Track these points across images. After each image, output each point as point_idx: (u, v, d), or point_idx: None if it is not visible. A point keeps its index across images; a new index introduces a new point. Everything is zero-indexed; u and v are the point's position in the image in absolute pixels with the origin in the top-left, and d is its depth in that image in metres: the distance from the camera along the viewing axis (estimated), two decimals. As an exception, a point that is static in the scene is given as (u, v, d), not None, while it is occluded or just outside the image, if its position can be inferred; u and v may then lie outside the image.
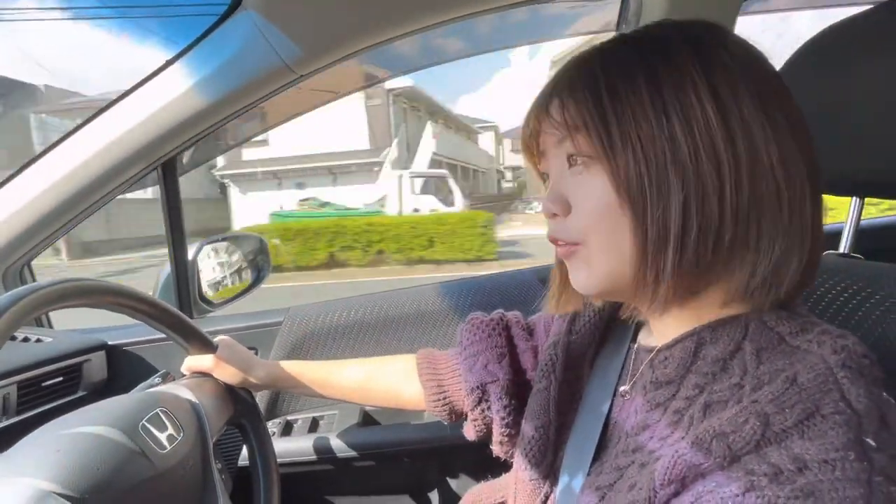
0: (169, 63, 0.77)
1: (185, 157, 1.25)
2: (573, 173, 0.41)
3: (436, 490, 1.02)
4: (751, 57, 0.38)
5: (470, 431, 0.62)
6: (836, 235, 0.64)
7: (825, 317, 0.47)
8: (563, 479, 0.47)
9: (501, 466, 0.62)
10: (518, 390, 0.59)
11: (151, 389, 0.63)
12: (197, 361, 0.71)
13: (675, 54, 0.37)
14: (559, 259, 0.46)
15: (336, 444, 0.95)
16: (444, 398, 0.64)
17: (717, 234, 0.35)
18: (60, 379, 0.84)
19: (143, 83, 0.78)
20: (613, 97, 0.37)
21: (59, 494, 0.41)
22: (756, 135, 0.35)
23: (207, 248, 1.11)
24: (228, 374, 0.70)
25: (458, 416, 0.65)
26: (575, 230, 0.41)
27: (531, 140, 0.45)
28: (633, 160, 0.36)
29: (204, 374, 0.71)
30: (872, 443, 0.28)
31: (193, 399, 0.62)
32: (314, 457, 0.95)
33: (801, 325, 0.36)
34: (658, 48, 0.38)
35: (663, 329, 0.43)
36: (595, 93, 0.38)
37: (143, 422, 0.51)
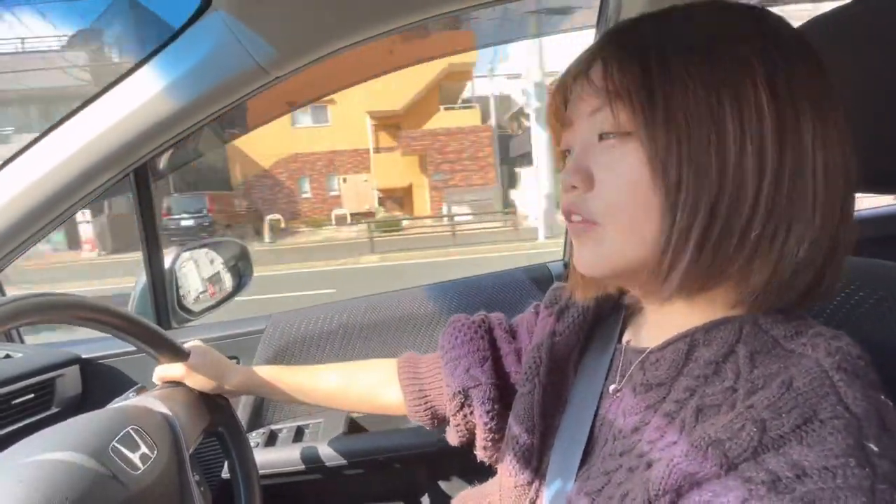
0: (138, 66, 0.74)
1: (162, 163, 1.22)
2: (604, 146, 0.38)
3: (427, 495, 1.01)
4: (810, 55, 0.35)
5: (452, 436, 0.61)
6: None
7: (822, 317, 0.47)
8: (550, 486, 0.46)
9: (492, 469, 0.61)
10: (501, 394, 0.58)
11: (121, 405, 0.60)
12: (168, 370, 0.68)
13: (740, 35, 0.34)
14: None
15: (323, 452, 0.93)
16: (426, 403, 0.63)
17: (743, 229, 0.33)
18: (32, 396, 0.81)
19: (112, 87, 0.75)
20: (664, 68, 0.34)
21: None
22: (805, 135, 0.33)
23: (186, 256, 1.09)
24: (201, 382, 0.68)
25: (441, 422, 0.64)
26: (595, 208, 0.38)
27: (560, 108, 0.41)
28: (675, 140, 0.33)
29: (176, 383, 0.69)
30: (874, 447, 0.27)
31: (166, 411, 0.60)
32: (301, 467, 0.93)
33: (795, 328, 0.35)
34: (722, 24, 0.35)
35: (658, 328, 0.41)
36: (644, 60, 0.35)
37: (114, 443, 0.49)
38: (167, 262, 1.02)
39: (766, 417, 0.29)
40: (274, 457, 0.93)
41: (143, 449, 0.51)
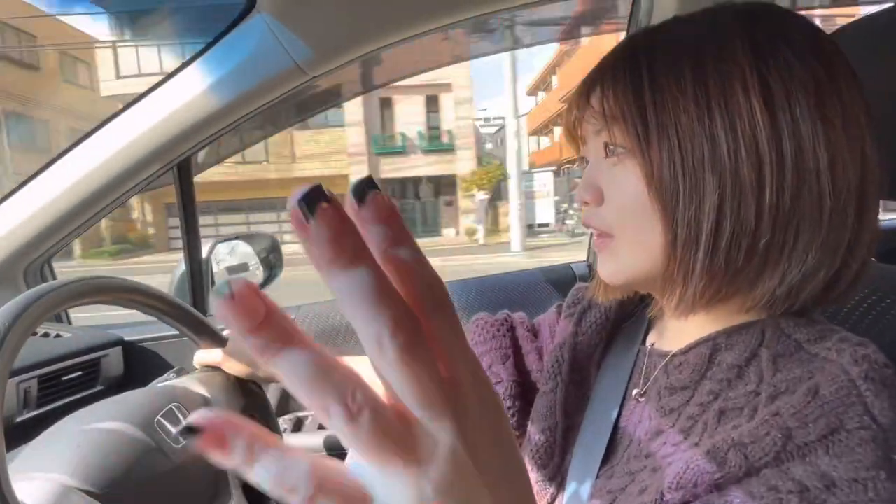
0: (185, 65, 0.78)
1: (200, 157, 1.27)
2: (609, 164, 0.40)
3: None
4: (816, 50, 0.35)
5: None
6: None
7: (846, 324, 0.46)
8: (571, 483, 0.46)
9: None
10: (523, 392, 0.58)
11: (165, 384, 0.64)
12: (207, 355, 0.72)
13: (728, 43, 0.35)
14: None
15: None
16: None
17: (752, 237, 0.34)
18: (79, 373, 0.86)
19: (160, 85, 0.80)
20: (655, 88, 0.35)
21: (81, 490, 0.42)
22: (805, 137, 0.33)
23: (221, 247, 1.13)
24: (237, 368, 0.71)
25: None
26: (606, 220, 0.40)
27: (574, 126, 0.44)
28: (667, 156, 0.35)
29: (214, 368, 0.72)
30: None
31: (205, 393, 0.63)
32: (325, 453, 0.96)
33: (819, 332, 0.35)
34: (711, 35, 0.36)
35: (681, 332, 0.42)
36: (636, 82, 0.36)
37: (159, 417, 0.53)
38: (203, 253, 1.07)
39: (792, 426, 0.29)
40: (300, 442, 0.97)
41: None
